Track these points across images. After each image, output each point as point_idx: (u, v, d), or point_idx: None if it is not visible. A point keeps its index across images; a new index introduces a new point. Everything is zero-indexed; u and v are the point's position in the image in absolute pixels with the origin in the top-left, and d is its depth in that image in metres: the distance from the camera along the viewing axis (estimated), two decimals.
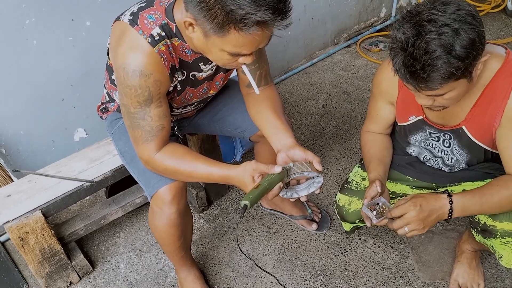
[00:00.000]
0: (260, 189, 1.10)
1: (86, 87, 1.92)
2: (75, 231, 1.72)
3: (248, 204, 1.07)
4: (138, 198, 1.78)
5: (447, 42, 0.99)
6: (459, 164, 1.38)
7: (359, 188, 1.50)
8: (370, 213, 1.28)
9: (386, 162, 1.45)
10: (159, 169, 1.26)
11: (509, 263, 1.38)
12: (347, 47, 3.08)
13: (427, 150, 1.41)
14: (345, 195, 1.51)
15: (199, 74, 1.32)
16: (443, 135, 1.33)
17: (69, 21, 1.76)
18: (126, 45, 1.14)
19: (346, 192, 1.51)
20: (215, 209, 2.03)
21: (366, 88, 2.69)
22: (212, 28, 1.00)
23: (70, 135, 2.01)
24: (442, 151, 1.37)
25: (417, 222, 1.20)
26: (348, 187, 1.52)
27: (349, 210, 1.50)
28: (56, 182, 1.65)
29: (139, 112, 1.19)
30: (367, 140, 1.49)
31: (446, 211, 1.20)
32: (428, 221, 1.21)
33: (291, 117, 2.52)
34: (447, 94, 1.09)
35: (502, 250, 1.34)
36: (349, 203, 1.50)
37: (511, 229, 1.26)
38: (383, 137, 1.49)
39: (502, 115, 1.17)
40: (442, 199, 1.21)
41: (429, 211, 1.20)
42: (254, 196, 1.08)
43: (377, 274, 1.71)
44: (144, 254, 1.86)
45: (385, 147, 1.48)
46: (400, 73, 1.07)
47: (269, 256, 1.81)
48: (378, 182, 1.31)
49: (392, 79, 1.32)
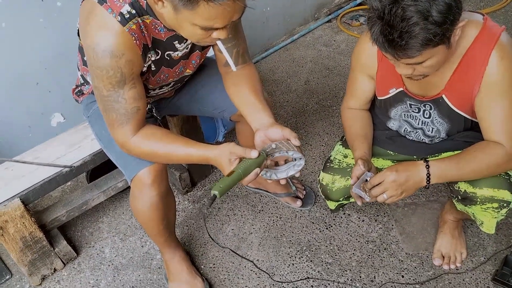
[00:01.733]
0: (232, 177, 1.08)
1: (61, 70, 1.87)
2: (56, 217, 1.69)
3: (217, 194, 1.05)
4: (120, 182, 1.76)
5: (424, 8, 0.98)
6: (439, 135, 1.38)
7: (341, 166, 1.49)
8: (361, 193, 1.28)
9: (369, 138, 1.45)
10: (136, 152, 1.23)
11: (489, 229, 1.40)
12: (328, 22, 3.04)
13: (407, 122, 1.41)
14: (328, 174, 1.50)
15: (174, 53, 1.28)
16: (424, 105, 1.32)
17: (39, 1, 1.70)
18: (95, 24, 1.10)
19: (329, 171, 1.50)
20: (199, 190, 2.02)
21: (347, 63, 2.67)
22: (181, 1, 0.97)
23: (47, 120, 1.97)
24: (422, 122, 1.37)
25: (394, 187, 1.21)
26: (331, 166, 1.51)
27: (333, 189, 1.50)
28: (34, 168, 1.61)
29: (112, 95, 1.15)
30: (347, 117, 1.48)
31: (423, 176, 1.21)
32: (406, 186, 1.22)
33: (273, 94, 2.49)
34: (426, 61, 1.08)
35: (483, 216, 1.36)
36: (332, 181, 1.49)
37: (490, 195, 1.28)
38: (364, 113, 1.48)
39: (481, 81, 1.17)
40: (419, 164, 1.22)
41: (406, 176, 1.21)
42: (225, 185, 1.06)
43: (362, 247, 1.72)
44: (129, 237, 1.85)
45: (367, 123, 1.47)
46: (378, 42, 1.06)
47: (254, 235, 1.81)
48: (361, 161, 1.30)
49: (371, 52, 1.31)
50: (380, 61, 1.32)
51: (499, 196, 1.27)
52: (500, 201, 1.28)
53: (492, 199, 1.28)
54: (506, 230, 1.72)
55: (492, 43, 1.14)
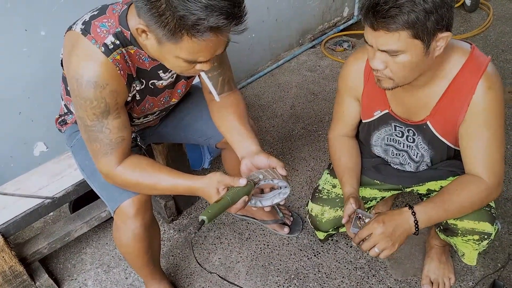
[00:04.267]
0: (221, 203, 1.06)
1: (44, 99, 1.85)
2: (38, 250, 1.64)
3: (205, 220, 1.03)
4: (104, 212, 1.73)
5: None
6: (423, 159, 1.38)
7: (330, 196, 1.48)
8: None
9: (358, 171, 1.44)
10: (120, 182, 1.21)
11: (471, 261, 1.41)
12: (312, 48, 3.09)
13: (391, 146, 1.41)
14: (317, 205, 1.48)
15: (158, 83, 1.28)
16: (407, 130, 1.33)
17: (23, 31, 1.69)
18: (79, 55, 1.10)
19: (318, 202, 1.49)
20: (185, 218, 1.99)
21: (332, 88, 2.70)
22: (165, 35, 0.97)
23: (30, 150, 1.94)
24: (406, 146, 1.38)
25: (384, 239, 1.19)
26: (320, 196, 1.49)
27: (322, 220, 1.48)
28: (15, 200, 1.57)
29: (96, 125, 1.14)
30: (336, 148, 1.46)
31: (411, 224, 1.20)
32: (395, 237, 1.20)
33: (259, 120, 2.50)
34: (399, 56, 1.06)
35: (464, 248, 1.36)
36: (321, 212, 1.47)
37: (471, 227, 1.28)
38: (351, 142, 1.48)
39: (467, 110, 1.17)
40: (404, 212, 1.21)
41: (394, 226, 1.20)
42: (214, 211, 1.05)
43: (350, 274, 1.71)
44: (113, 269, 1.80)
45: (355, 154, 1.46)
46: (363, 5, 1.05)
47: (242, 263, 1.78)
48: (352, 200, 1.29)
49: (358, 74, 1.32)
50: (366, 82, 1.32)
51: (480, 228, 1.28)
52: (481, 233, 1.28)
53: (473, 231, 1.28)
54: (493, 254, 1.72)
55: (479, 72, 1.15)
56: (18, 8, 1.63)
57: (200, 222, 1.04)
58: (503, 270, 1.67)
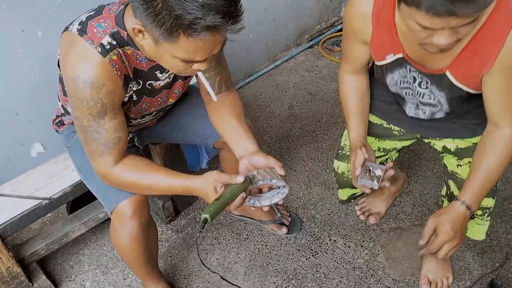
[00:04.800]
0: (221, 201, 1.07)
1: (41, 100, 1.84)
2: (35, 251, 1.64)
3: (208, 218, 1.03)
4: (101, 212, 1.72)
5: None
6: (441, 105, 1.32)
7: None
8: (369, 183, 1.28)
9: (366, 115, 1.41)
10: (117, 183, 1.21)
11: (479, 235, 1.45)
12: (310, 48, 3.08)
13: (406, 89, 1.34)
14: (343, 162, 1.50)
15: (156, 83, 1.28)
16: (420, 77, 1.26)
17: (20, 32, 1.69)
18: (75, 56, 1.09)
19: (343, 159, 1.50)
20: (183, 219, 1.99)
21: (330, 88, 2.70)
22: (161, 35, 0.97)
23: (27, 151, 1.93)
24: (420, 92, 1.32)
25: (453, 241, 1.23)
26: (343, 153, 1.51)
27: (349, 176, 1.49)
28: (12, 201, 1.57)
29: (93, 125, 1.14)
30: (344, 86, 1.42)
31: (467, 215, 1.23)
32: (461, 233, 1.23)
33: (256, 120, 2.50)
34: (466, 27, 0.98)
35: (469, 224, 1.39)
36: (348, 169, 1.49)
37: None
38: (360, 82, 1.42)
39: (494, 61, 1.11)
40: (456, 207, 1.23)
41: (454, 224, 1.22)
42: (215, 209, 1.05)
43: (349, 274, 1.71)
44: (111, 270, 1.80)
45: (363, 93, 1.42)
46: None
47: (240, 264, 1.78)
48: (364, 149, 1.29)
49: (365, 17, 1.21)
50: (375, 26, 1.23)
51: (484, 204, 1.31)
52: (483, 209, 1.33)
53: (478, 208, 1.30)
54: (491, 254, 1.72)
55: (510, 22, 1.06)
56: (15, 9, 1.63)
57: (203, 220, 1.03)
58: (501, 269, 1.67)
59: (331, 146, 2.28)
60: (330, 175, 2.11)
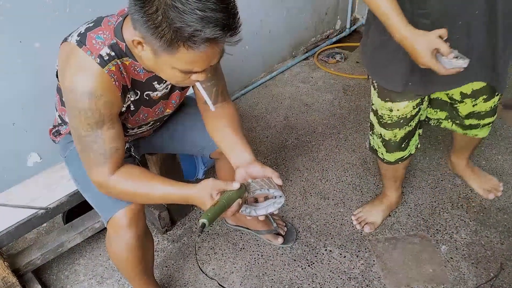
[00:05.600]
0: (218, 206, 1.08)
1: (38, 110, 1.85)
2: (31, 261, 1.64)
3: (206, 222, 1.04)
4: (97, 222, 1.72)
5: None
6: None
7: (393, 120, 1.56)
8: (460, 62, 1.14)
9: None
10: (114, 192, 1.22)
11: (484, 134, 1.72)
12: (305, 60, 3.12)
13: None
14: (388, 130, 1.59)
15: (153, 94, 1.29)
16: None
17: (17, 43, 1.70)
18: (74, 66, 1.11)
19: (386, 127, 1.59)
20: (179, 229, 1.99)
21: (325, 99, 2.72)
22: (161, 46, 0.99)
23: (23, 161, 1.93)
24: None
25: None
26: (385, 121, 1.58)
27: (397, 140, 1.61)
28: (8, 210, 1.57)
29: (90, 135, 1.15)
30: None
31: None
32: None
33: (253, 130, 2.51)
34: None
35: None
36: (394, 135, 1.60)
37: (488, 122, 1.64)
38: None
39: None
40: None
41: None
42: (212, 214, 1.05)
43: (344, 285, 1.71)
44: (106, 280, 1.79)
45: None
46: None
47: (235, 274, 1.78)
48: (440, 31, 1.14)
49: None
50: None
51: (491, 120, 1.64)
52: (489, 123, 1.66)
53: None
54: (485, 264, 1.73)
55: None
56: (13, 20, 1.64)
57: (201, 225, 1.04)
58: (496, 279, 1.68)
59: (327, 157, 2.30)
60: (326, 185, 2.13)
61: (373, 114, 1.63)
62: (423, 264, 1.75)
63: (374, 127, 1.67)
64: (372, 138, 1.73)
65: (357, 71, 2.97)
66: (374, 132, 1.69)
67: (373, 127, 1.68)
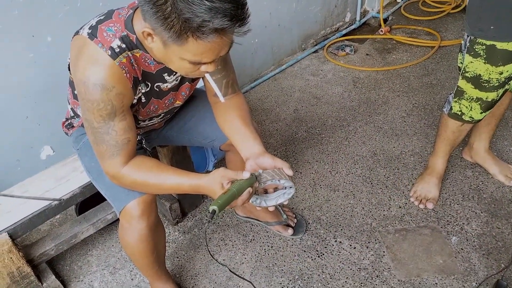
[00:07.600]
0: (229, 194, 1.09)
1: (50, 103, 1.88)
2: (45, 251, 1.67)
3: (216, 209, 1.05)
4: (110, 214, 1.75)
5: None
6: None
7: (501, 81, 1.55)
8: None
9: None
10: (126, 183, 1.23)
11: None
12: (315, 52, 3.11)
13: None
14: (493, 92, 1.59)
15: (163, 85, 1.30)
16: None
17: (30, 37, 1.73)
18: (86, 59, 1.12)
19: (492, 90, 1.58)
20: (190, 220, 2.01)
21: (334, 91, 2.72)
22: (170, 37, 1.00)
23: (36, 154, 1.96)
24: None
25: None
26: (492, 85, 1.57)
27: (498, 97, 1.61)
28: (22, 202, 1.60)
29: (102, 127, 1.16)
30: None
31: None
32: None
33: (262, 123, 2.52)
34: None
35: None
36: (497, 94, 1.60)
37: None
38: None
39: None
40: None
41: None
42: (223, 201, 1.07)
43: (354, 275, 1.72)
44: (118, 271, 1.82)
45: None
46: None
47: (246, 265, 1.79)
48: None
49: None
50: None
51: None
52: None
53: None
54: (496, 255, 1.73)
55: None
56: (25, 15, 1.67)
57: (211, 212, 1.05)
58: (507, 270, 1.67)
59: (336, 149, 2.30)
60: (336, 177, 2.13)
61: (467, 81, 1.62)
62: (433, 255, 1.75)
63: (464, 93, 1.65)
64: (459, 104, 1.70)
65: (367, 64, 2.95)
66: (464, 98, 1.66)
67: (462, 93, 1.66)
